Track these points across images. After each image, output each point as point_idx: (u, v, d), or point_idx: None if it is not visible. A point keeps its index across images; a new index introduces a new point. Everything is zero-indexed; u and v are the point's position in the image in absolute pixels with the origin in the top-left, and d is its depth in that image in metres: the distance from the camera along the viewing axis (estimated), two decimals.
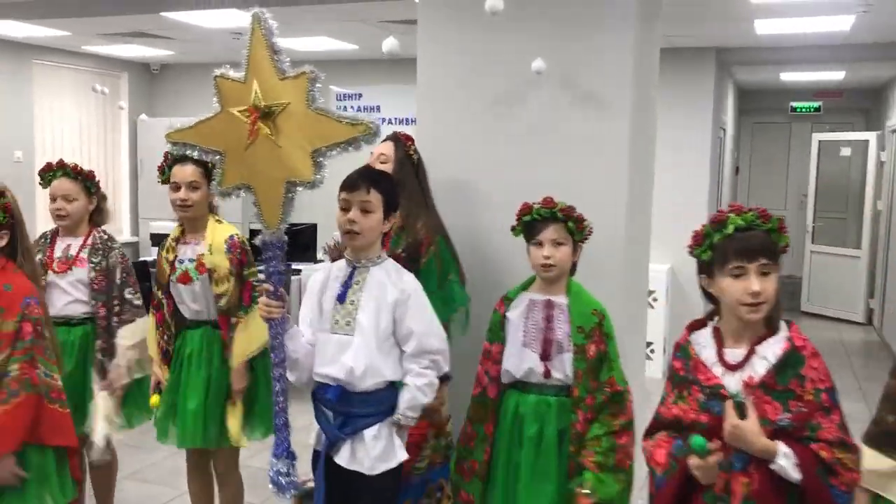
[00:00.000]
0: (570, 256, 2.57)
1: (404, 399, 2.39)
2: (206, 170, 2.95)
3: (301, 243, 6.22)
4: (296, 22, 5.82)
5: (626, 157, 3.16)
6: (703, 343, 1.99)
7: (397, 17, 5.46)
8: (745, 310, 1.87)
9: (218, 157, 2.26)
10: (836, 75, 8.46)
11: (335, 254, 5.83)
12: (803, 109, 10.29)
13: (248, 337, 2.98)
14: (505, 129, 3.30)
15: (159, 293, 3.11)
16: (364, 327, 2.37)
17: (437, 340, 2.46)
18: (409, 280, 2.46)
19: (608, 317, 2.56)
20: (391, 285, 2.41)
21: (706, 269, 1.95)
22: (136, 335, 3.16)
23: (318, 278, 2.52)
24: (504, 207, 2.78)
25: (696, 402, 1.93)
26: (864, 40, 6.33)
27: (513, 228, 2.64)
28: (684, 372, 1.98)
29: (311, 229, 6.39)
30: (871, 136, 8.86)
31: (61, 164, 3.19)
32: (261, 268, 2.40)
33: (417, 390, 2.40)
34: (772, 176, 11.37)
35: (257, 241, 2.27)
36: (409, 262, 2.78)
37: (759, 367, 1.88)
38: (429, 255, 2.91)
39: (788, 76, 8.77)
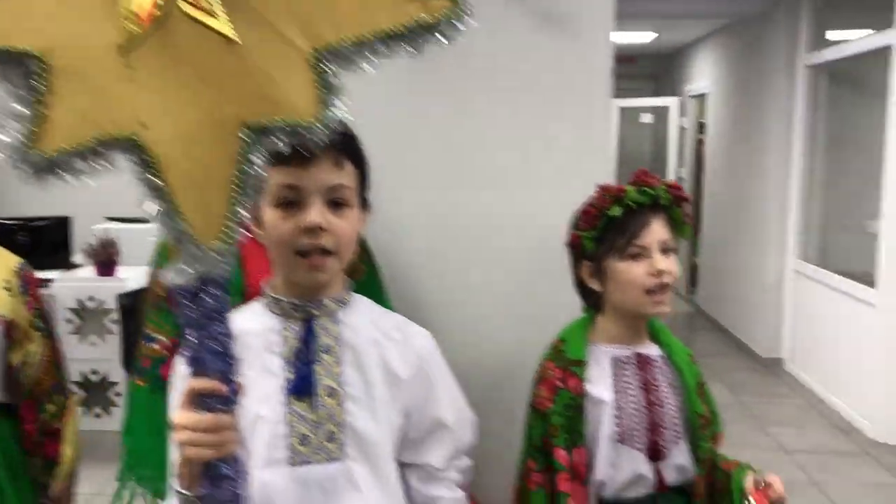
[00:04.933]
0: None
1: None
2: None
3: (47, 242, 4.54)
4: None
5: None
6: None
7: None
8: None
9: (23, 69, 0.84)
10: (644, 37, 8.12)
11: (103, 256, 4.25)
12: None
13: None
14: (424, 75, 1.92)
15: None
16: (366, 437, 1.17)
17: (469, 428, 1.33)
18: (417, 332, 1.28)
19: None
20: (392, 346, 1.22)
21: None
22: None
23: None
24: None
25: None
26: None
27: (575, 239, 1.49)
28: None
29: (62, 225, 4.65)
30: (671, 102, 8.70)
31: None
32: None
33: None
34: None
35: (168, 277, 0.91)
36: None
37: None
38: (366, 263, 1.74)
39: None
